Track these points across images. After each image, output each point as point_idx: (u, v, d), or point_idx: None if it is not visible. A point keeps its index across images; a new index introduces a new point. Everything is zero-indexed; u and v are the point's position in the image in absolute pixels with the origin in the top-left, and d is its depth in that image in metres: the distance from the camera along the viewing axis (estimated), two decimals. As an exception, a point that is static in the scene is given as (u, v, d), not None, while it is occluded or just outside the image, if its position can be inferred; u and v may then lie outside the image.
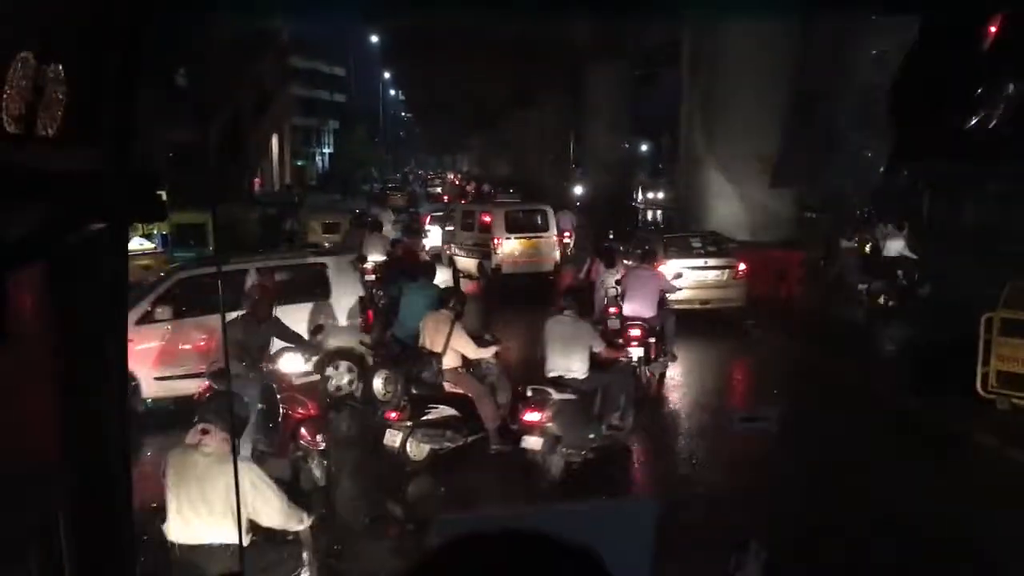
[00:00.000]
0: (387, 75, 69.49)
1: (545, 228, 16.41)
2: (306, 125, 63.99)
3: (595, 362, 7.25)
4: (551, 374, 7.14)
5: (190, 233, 15.11)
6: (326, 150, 71.66)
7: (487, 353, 7.46)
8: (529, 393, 6.93)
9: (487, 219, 16.50)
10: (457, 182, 52.26)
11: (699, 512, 6.05)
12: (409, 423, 6.84)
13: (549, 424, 6.70)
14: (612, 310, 9.88)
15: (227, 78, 26.97)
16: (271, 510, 3.92)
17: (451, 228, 18.58)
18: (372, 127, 76.00)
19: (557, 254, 16.54)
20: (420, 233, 17.72)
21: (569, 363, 7.11)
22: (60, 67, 1.08)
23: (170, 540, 3.97)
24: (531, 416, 6.73)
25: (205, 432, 3.92)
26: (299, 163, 56.32)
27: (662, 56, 28.23)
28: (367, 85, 75.59)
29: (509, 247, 15.99)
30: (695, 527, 5.36)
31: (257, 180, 40.65)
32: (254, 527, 3.95)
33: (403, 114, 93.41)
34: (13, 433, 1.16)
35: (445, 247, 18.79)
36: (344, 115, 72.96)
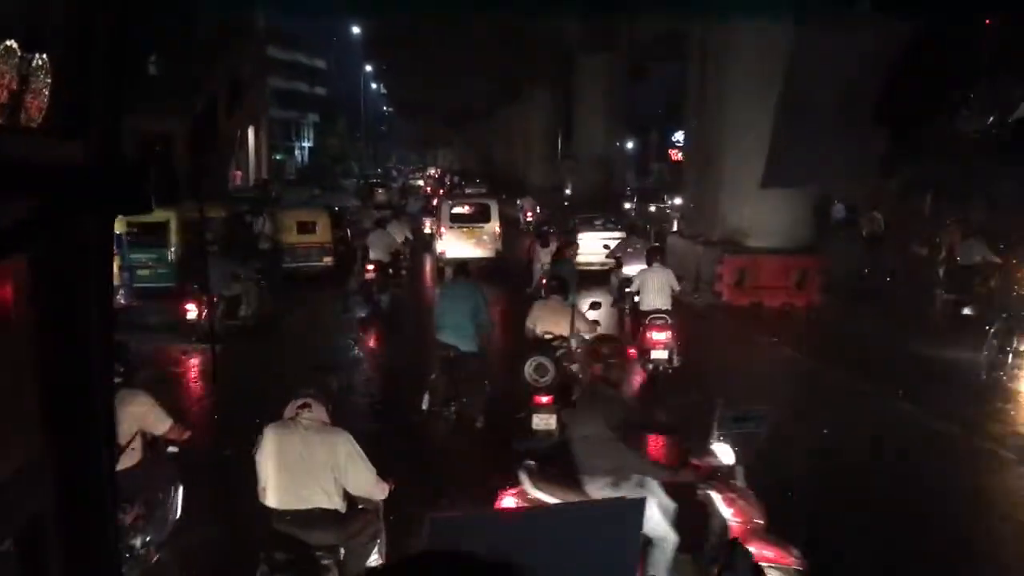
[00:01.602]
0: (369, 68, 67.69)
1: (487, 219, 17.72)
2: (285, 118, 62.31)
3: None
4: (649, 307, 9.57)
5: (150, 233, 13.59)
6: (306, 144, 69.87)
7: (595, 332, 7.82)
8: (647, 321, 9.40)
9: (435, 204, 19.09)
10: (437, 176, 53.30)
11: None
12: (558, 404, 6.92)
13: (669, 340, 9.23)
14: (544, 281, 12.37)
15: (200, 66, 25.50)
16: (363, 480, 4.20)
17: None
18: (353, 121, 74.39)
19: (500, 243, 17.77)
20: (434, 213, 20.00)
21: (665, 299, 9.59)
22: (45, 56, 1.08)
23: (272, 508, 4.14)
24: (659, 335, 9.30)
25: (306, 406, 4.17)
26: (277, 157, 54.48)
27: (661, 48, 26.88)
28: (348, 78, 73.89)
29: (452, 236, 17.41)
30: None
31: (239, 173, 38.90)
32: (348, 496, 4.25)
33: (385, 108, 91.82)
34: None
35: None
36: (325, 108, 71.26)
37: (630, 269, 11.70)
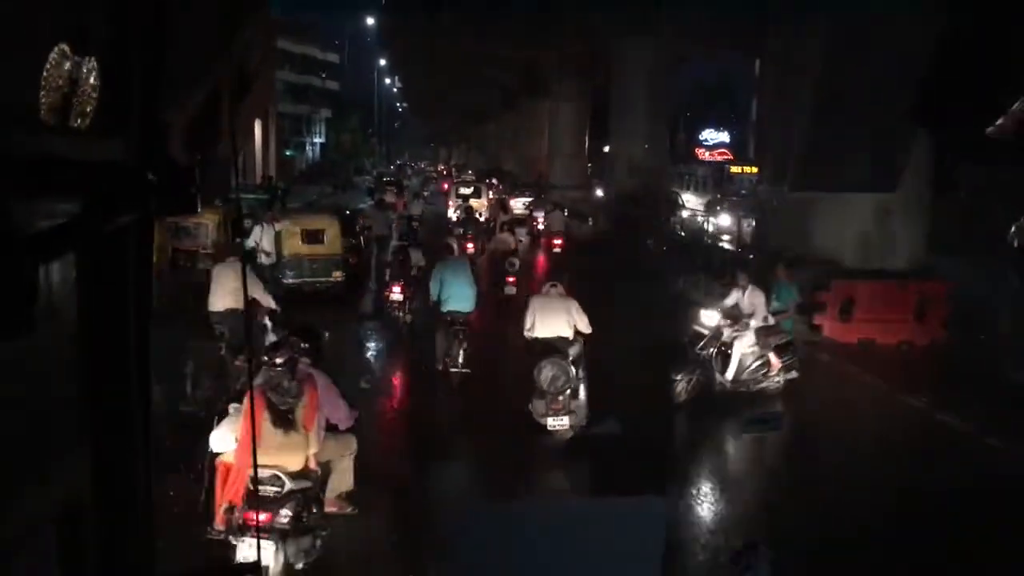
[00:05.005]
0: (383, 62, 65.20)
1: (479, 196, 27.70)
2: (296, 113, 59.96)
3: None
4: (551, 231, 20.65)
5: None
6: (317, 140, 67.51)
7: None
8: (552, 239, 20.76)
9: (445, 187, 29.89)
10: (447, 172, 60.10)
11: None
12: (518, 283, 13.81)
13: (563, 243, 20.32)
14: (499, 232, 18.32)
15: (202, 53, 23.16)
16: (583, 322, 7.82)
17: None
18: (366, 117, 71.99)
19: (488, 211, 25.19)
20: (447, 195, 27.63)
21: (560, 227, 21.18)
22: (94, 59, 1.07)
23: (534, 337, 7.84)
24: (557, 240, 20.73)
25: (554, 285, 8.11)
26: (288, 153, 52.01)
27: (704, 37, 24.23)
28: (362, 73, 71.64)
29: (456, 206, 24.73)
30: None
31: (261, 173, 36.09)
32: (576, 333, 7.83)
33: (399, 104, 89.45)
34: (38, 419, 1.16)
35: None
36: (337, 104, 68.85)
37: (539, 215, 23.97)
